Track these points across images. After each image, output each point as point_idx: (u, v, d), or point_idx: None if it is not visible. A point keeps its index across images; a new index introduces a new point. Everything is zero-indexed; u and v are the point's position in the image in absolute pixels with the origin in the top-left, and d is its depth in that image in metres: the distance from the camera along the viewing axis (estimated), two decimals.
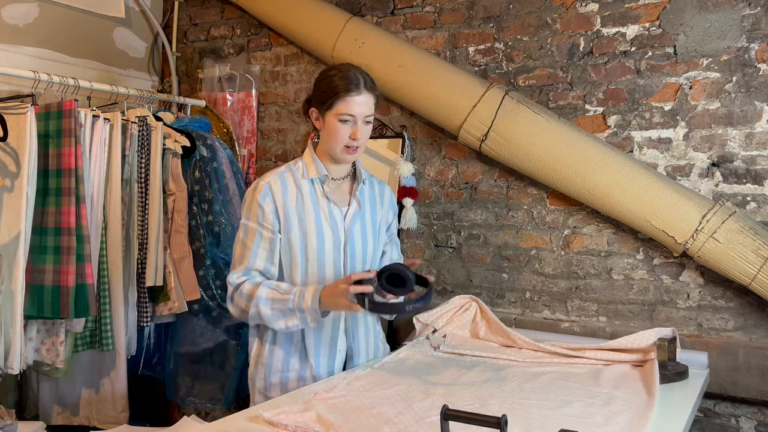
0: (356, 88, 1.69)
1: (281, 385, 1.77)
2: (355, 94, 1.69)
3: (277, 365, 1.78)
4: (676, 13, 2.20)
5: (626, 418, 1.43)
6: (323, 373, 1.77)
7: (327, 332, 1.78)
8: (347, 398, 1.51)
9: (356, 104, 1.68)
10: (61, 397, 2.54)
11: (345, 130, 1.70)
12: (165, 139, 2.61)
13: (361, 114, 1.70)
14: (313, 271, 1.75)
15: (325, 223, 1.76)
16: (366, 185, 1.86)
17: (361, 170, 1.85)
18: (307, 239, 1.74)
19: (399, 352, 1.93)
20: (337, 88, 1.70)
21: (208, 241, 2.66)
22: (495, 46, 2.51)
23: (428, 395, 1.54)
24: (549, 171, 2.25)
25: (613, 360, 1.90)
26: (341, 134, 1.70)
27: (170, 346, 2.78)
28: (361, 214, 1.82)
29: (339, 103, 1.69)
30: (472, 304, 2.23)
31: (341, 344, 1.80)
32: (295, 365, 1.78)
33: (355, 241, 1.80)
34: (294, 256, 1.75)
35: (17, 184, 2.16)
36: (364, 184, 1.85)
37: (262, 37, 3.08)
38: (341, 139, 1.71)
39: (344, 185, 1.84)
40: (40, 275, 2.22)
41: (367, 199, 1.86)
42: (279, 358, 1.78)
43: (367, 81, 1.73)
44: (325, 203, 1.78)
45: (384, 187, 1.94)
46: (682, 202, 2.06)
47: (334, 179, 1.82)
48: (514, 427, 1.34)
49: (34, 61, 2.73)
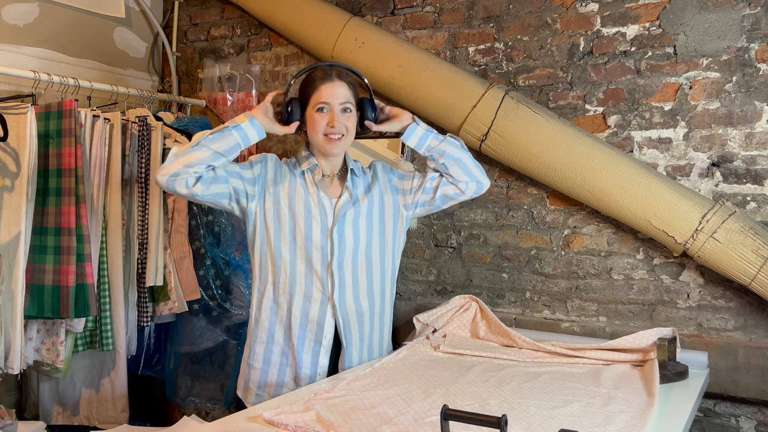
0: (328, 78, 1.76)
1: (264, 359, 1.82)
2: (325, 82, 1.76)
3: (262, 336, 1.83)
4: (676, 13, 2.20)
5: (626, 417, 1.43)
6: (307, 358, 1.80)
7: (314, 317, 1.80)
8: (347, 398, 1.51)
9: (328, 91, 1.75)
10: (61, 397, 2.54)
11: (322, 118, 1.76)
12: (165, 139, 2.61)
13: (335, 100, 1.75)
14: (301, 253, 1.80)
15: (314, 208, 1.80)
16: (358, 176, 1.89)
17: (351, 163, 1.88)
18: (296, 221, 1.79)
19: (399, 352, 1.93)
20: (310, 82, 1.79)
21: (208, 241, 2.66)
22: (495, 46, 2.51)
23: (428, 395, 1.54)
24: (549, 171, 2.25)
25: (613, 360, 1.90)
26: (319, 123, 1.76)
27: (170, 346, 2.78)
28: (353, 204, 1.84)
29: (314, 95, 1.77)
30: (472, 304, 2.23)
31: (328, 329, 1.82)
32: (280, 340, 1.81)
33: (344, 228, 1.81)
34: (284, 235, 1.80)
35: (17, 184, 2.16)
36: (356, 175, 1.88)
37: (262, 37, 3.08)
38: (319, 128, 1.77)
39: (337, 181, 1.88)
40: (40, 275, 2.22)
41: (361, 189, 1.88)
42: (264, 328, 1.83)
43: (341, 71, 1.80)
44: (314, 190, 1.82)
45: (375, 166, 1.95)
46: (682, 202, 2.06)
47: (325, 175, 1.86)
48: (514, 427, 1.34)
49: (34, 61, 2.73)
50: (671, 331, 1.91)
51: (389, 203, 1.90)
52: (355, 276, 1.83)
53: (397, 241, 1.93)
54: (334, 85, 1.76)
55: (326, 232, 1.80)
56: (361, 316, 1.86)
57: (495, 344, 2.07)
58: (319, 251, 1.79)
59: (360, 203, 1.85)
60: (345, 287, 1.82)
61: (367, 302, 1.87)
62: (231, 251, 2.68)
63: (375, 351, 1.92)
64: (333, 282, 1.80)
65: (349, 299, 1.83)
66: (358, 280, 1.84)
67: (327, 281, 1.80)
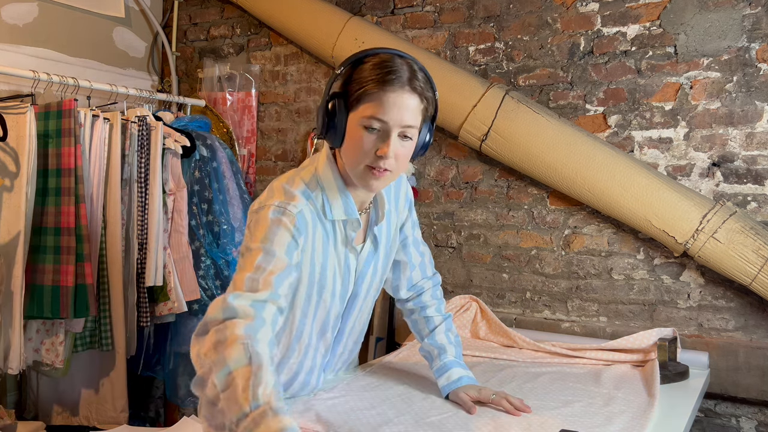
0: (395, 82, 1.19)
1: None
2: (390, 89, 1.19)
3: None
4: (676, 12, 2.19)
5: (626, 418, 1.43)
6: None
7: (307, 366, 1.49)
8: (347, 398, 1.50)
9: (391, 104, 1.19)
10: (61, 397, 2.54)
11: (371, 141, 1.21)
12: (165, 139, 2.60)
13: (396, 119, 1.20)
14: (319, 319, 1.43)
15: (338, 271, 1.39)
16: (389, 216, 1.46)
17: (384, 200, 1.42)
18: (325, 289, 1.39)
19: (399, 353, 1.93)
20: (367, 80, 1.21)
21: (208, 241, 2.65)
22: (495, 45, 2.51)
23: (427, 395, 1.54)
24: (549, 171, 2.25)
25: (614, 360, 1.90)
26: (365, 145, 1.21)
27: (170, 346, 2.78)
28: (374, 255, 1.46)
29: (367, 103, 1.21)
30: (473, 305, 2.22)
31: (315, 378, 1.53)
32: None
33: (361, 289, 1.47)
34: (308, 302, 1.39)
35: (17, 184, 2.16)
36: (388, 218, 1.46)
37: (262, 37, 3.08)
38: (365, 152, 1.22)
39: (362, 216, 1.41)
40: (40, 275, 2.21)
41: (384, 234, 1.46)
42: None
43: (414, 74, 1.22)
44: (343, 250, 1.39)
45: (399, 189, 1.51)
46: (682, 202, 2.06)
47: None
48: (514, 427, 1.34)
49: (33, 61, 2.73)
50: (672, 331, 1.91)
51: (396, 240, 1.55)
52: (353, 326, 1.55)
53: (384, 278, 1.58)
54: (401, 97, 1.20)
55: (344, 296, 1.44)
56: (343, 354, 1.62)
57: (495, 344, 2.07)
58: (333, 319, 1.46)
59: (380, 251, 1.47)
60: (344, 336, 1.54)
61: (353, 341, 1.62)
62: (231, 251, 2.68)
63: None
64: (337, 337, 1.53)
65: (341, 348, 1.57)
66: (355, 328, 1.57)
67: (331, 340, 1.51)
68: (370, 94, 1.20)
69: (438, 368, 1.53)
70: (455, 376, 1.49)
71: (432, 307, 1.61)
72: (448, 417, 1.40)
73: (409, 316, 1.65)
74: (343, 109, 1.24)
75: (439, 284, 1.67)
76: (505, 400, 1.42)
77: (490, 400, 1.43)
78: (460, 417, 1.40)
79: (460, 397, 1.45)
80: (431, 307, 1.61)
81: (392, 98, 1.19)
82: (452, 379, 1.49)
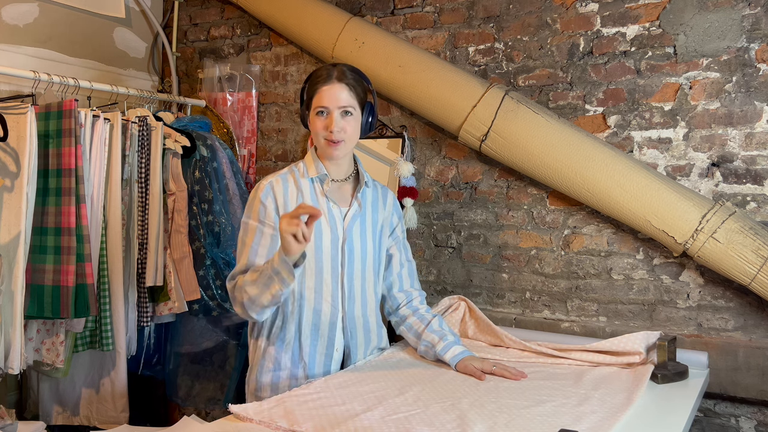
0: (327, 80, 1.71)
1: (272, 384, 1.75)
2: (324, 85, 1.70)
3: (269, 365, 1.76)
4: (676, 13, 2.20)
5: (596, 418, 1.41)
6: (318, 372, 1.76)
7: (324, 331, 1.76)
8: (321, 395, 1.51)
9: (327, 94, 1.69)
10: (61, 397, 2.54)
11: (321, 122, 1.71)
12: (165, 139, 2.61)
13: (333, 104, 1.69)
14: (311, 267, 1.73)
15: (324, 221, 1.75)
16: (369, 188, 1.86)
17: (364, 173, 1.85)
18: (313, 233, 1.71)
19: (383, 352, 1.93)
20: (310, 84, 1.75)
21: (208, 241, 2.66)
22: (495, 46, 2.51)
23: (402, 393, 1.55)
24: (549, 171, 2.25)
25: (599, 362, 1.87)
26: (318, 126, 1.71)
27: (170, 346, 2.78)
28: (361, 215, 1.82)
29: (314, 98, 1.72)
30: (461, 304, 2.22)
31: (338, 343, 1.78)
32: (287, 364, 1.75)
33: (353, 240, 1.79)
34: None
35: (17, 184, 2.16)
36: (367, 187, 1.85)
37: (262, 37, 3.09)
38: (319, 132, 1.72)
39: (346, 186, 1.84)
40: (40, 275, 2.22)
41: (369, 201, 1.86)
42: (271, 357, 1.76)
43: (342, 72, 1.72)
44: (324, 201, 1.78)
45: (387, 191, 1.95)
46: (682, 202, 2.06)
47: (334, 180, 1.81)
48: (478, 426, 1.34)
49: (34, 61, 2.73)
50: (658, 335, 1.90)
51: (386, 231, 1.90)
52: (364, 289, 1.82)
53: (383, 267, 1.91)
54: (332, 88, 1.70)
55: (337, 243, 1.77)
56: (368, 333, 1.86)
57: (483, 344, 2.07)
58: (330, 264, 1.76)
59: (366, 215, 1.84)
60: (354, 300, 1.80)
61: (375, 317, 1.87)
62: (231, 251, 2.68)
63: None
64: (343, 294, 1.78)
65: (358, 312, 1.81)
66: (366, 294, 1.83)
67: (338, 294, 1.77)
68: (315, 91, 1.72)
69: (443, 348, 1.81)
70: (458, 351, 1.80)
71: (423, 309, 1.94)
72: (415, 414, 1.40)
73: (404, 322, 1.92)
74: (306, 107, 1.78)
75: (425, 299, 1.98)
76: (506, 370, 1.73)
77: (491, 370, 1.73)
78: (427, 414, 1.41)
79: (467, 367, 1.74)
80: (422, 309, 1.93)
81: (327, 89, 1.70)
82: (457, 353, 1.79)
